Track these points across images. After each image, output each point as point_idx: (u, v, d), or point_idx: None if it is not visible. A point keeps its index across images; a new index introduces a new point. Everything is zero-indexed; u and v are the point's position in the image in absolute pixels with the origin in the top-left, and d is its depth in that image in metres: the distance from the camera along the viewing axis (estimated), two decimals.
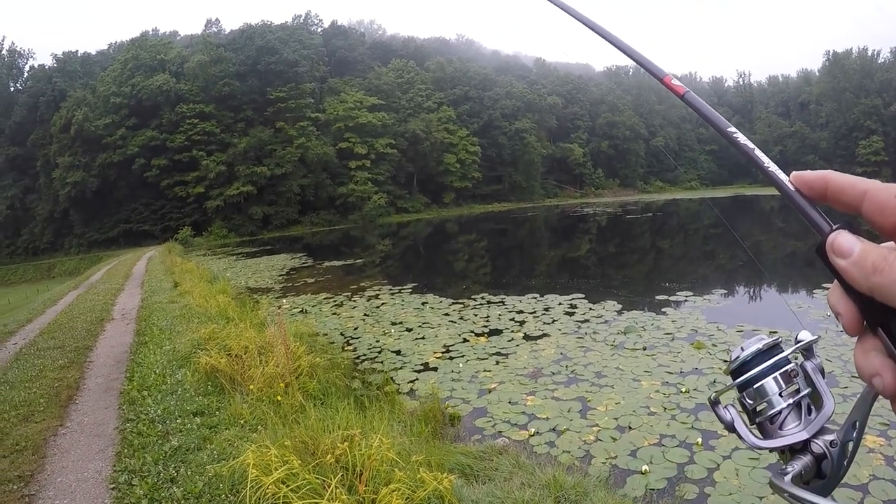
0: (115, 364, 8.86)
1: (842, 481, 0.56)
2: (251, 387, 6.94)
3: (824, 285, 14.61)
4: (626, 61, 0.77)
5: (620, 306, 14.66)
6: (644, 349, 10.87)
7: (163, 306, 14.03)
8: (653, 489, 5.92)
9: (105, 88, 64.04)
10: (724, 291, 16.42)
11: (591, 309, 14.59)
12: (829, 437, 0.58)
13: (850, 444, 0.58)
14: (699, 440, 6.84)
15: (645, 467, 6.33)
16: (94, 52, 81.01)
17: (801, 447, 0.59)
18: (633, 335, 11.86)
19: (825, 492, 0.58)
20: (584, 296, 16.17)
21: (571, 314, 14.19)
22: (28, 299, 23.83)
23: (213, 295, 14.92)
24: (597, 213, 55.68)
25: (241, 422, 6.06)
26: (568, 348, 11.25)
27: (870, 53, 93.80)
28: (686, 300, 15.10)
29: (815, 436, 0.59)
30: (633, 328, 12.34)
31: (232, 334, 8.90)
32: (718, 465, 6.30)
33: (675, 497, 5.65)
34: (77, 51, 76.79)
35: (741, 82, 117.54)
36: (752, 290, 17.83)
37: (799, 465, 0.58)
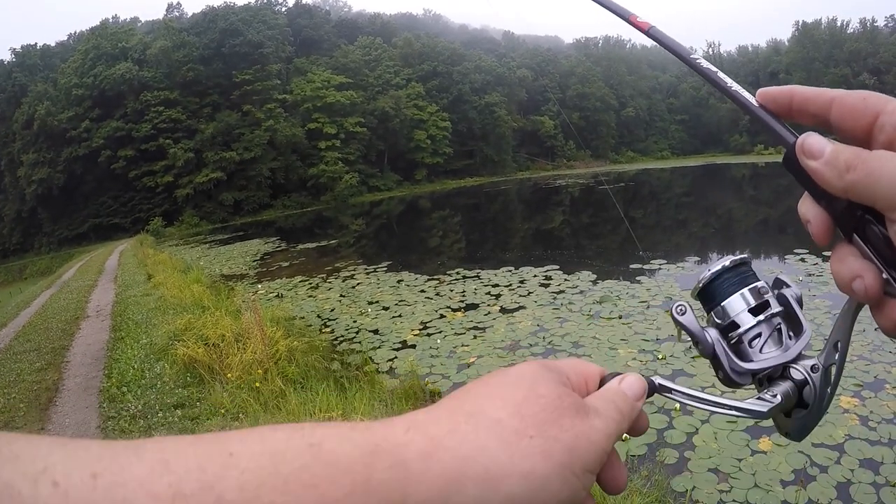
0: (93, 362, 8.77)
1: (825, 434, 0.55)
2: (230, 375, 6.93)
3: (795, 251, 14.86)
4: (596, 32, 0.74)
5: (595, 276, 14.75)
6: (620, 318, 10.98)
7: (137, 300, 13.89)
8: (634, 455, 6.02)
9: (66, 81, 62.36)
10: (697, 258, 16.61)
11: (566, 280, 14.69)
12: (810, 362, 0.55)
13: (833, 369, 0.55)
14: (677, 405, 6.95)
15: (625, 434, 6.42)
16: (53, 44, 78.92)
17: (780, 374, 0.56)
18: (609, 304, 11.97)
19: (811, 422, 0.56)
20: (558, 267, 16.26)
21: (547, 286, 14.27)
22: (1, 303, 23.42)
23: (188, 285, 14.79)
24: (569, 184, 55.79)
25: (223, 411, 6.06)
26: (544, 319, 11.33)
27: (839, 24, 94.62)
28: (660, 268, 15.25)
29: (794, 361, 0.56)
30: (609, 297, 12.45)
31: (208, 323, 8.86)
32: (697, 429, 6.41)
33: (656, 462, 5.75)
34: (36, 43, 74.72)
35: (711, 53, 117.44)
36: (724, 256, 18.05)
37: (779, 390, 0.55)
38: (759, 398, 0.55)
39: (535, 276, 15.52)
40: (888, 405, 6.56)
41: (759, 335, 0.57)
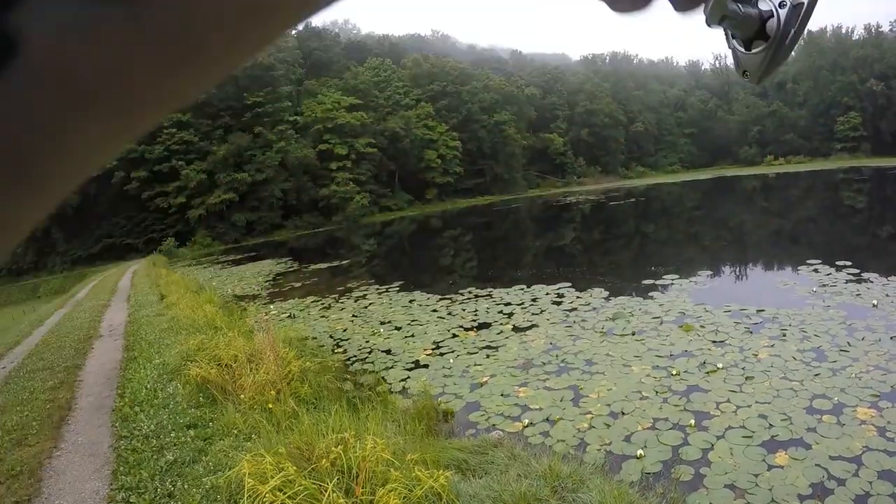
0: (106, 381, 8.80)
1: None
2: (242, 396, 6.92)
3: (808, 261, 14.85)
4: (603, 49, 0.68)
5: (608, 293, 14.72)
6: (633, 334, 10.93)
7: (150, 320, 13.94)
8: (649, 473, 5.97)
9: None
10: (709, 272, 16.53)
11: (578, 297, 14.65)
12: None
13: (804, 5, 0.50)
14: (692, 422, 6.89)
15: (640, 452, 6.37)
16: None
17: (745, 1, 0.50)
18: (622, 321, 11.92)
19: (773, 62, 0.51)
20: (570, 284, 16.22)
21: (559, 303, 14.24)
22: (15, 321, 23.60)
23: (200, 305, 14.82)
24: (580, 201, 55.74)
25: (235, 431, 6.05)
26: (557, 338, 11.29)
27: (844, 31, 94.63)
28: (672, 283, 15.19)
29: None
30: (622, 314, 12.40)
31: (221, 344, 8.86)
32: (713, 445, 6.35)
33: (672, 479, 5.69)
34: None
35: (717, 65, 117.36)
36: (737, 269, 17.96)
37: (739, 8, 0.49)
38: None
39: (547, 293, 15.49)
40: None
41: None
